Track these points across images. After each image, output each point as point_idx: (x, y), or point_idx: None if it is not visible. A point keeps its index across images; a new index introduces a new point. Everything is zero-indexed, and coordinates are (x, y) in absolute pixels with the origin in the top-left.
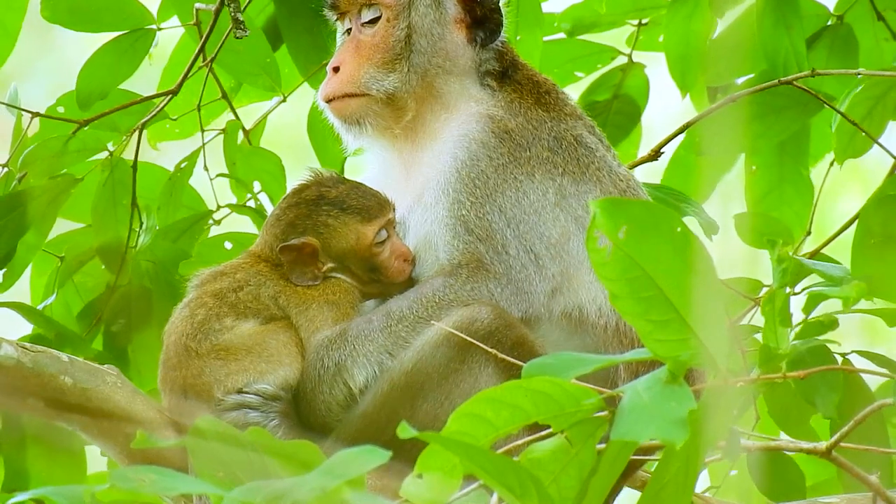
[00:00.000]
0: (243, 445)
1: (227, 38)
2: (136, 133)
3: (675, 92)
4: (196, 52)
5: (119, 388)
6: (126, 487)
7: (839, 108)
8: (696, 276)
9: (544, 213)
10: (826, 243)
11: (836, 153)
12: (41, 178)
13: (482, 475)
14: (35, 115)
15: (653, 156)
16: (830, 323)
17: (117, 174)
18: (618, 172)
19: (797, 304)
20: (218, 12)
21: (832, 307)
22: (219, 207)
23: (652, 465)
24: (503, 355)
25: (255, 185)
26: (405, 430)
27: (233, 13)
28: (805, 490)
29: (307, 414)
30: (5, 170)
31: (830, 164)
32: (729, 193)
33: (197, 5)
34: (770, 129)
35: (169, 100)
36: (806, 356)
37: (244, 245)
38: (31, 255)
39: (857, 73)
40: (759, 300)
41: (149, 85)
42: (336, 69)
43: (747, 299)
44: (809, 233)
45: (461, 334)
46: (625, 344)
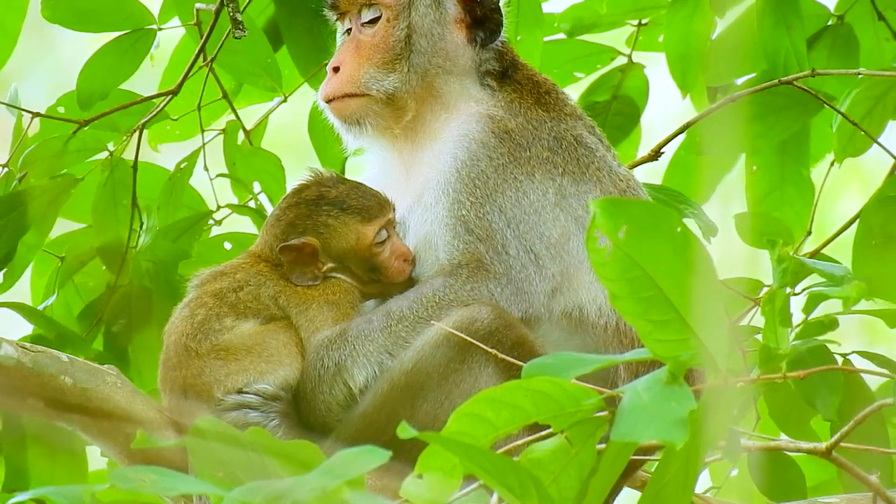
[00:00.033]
0: (243, 445)
1: (227, 38)
2: (137, 133)
3: (675, 92)
4: (196, 52)
5: (119, 388)
6: (126, 487)
7: (839, 107)
8: (696, 276)
9: (544, 213)
10: (826, 243)
11: (837, 153)
12: (41, 178)
13: (482, 475)
14: (35, 115)
15: (653, 156)
16: (830, 323)
17: (117, 174)
18: (618, 172)
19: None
20: (218, 12)
21: (832, 307)
22: (219, 208)
23: (652, 465)
24: (503, 355)
25: (255, 186)
26: (405, 430)
27: (231, 13)
28: (806, 490)
29: (307, 414)
30: (5, 170)
31: (831, 164)
32: (729, 193)
33: (197, 5)
34: (770, 129)
35: (169, 100)
36: (806, 356)
37: (244, 245)
38: (32, 256)
39: (858, 72)
40: (759, 300)
41: (150, 85)
42: (336, 69)
43: (747, 299)
44: (810, 233)
45: (461, 334)
46: (625, 344)
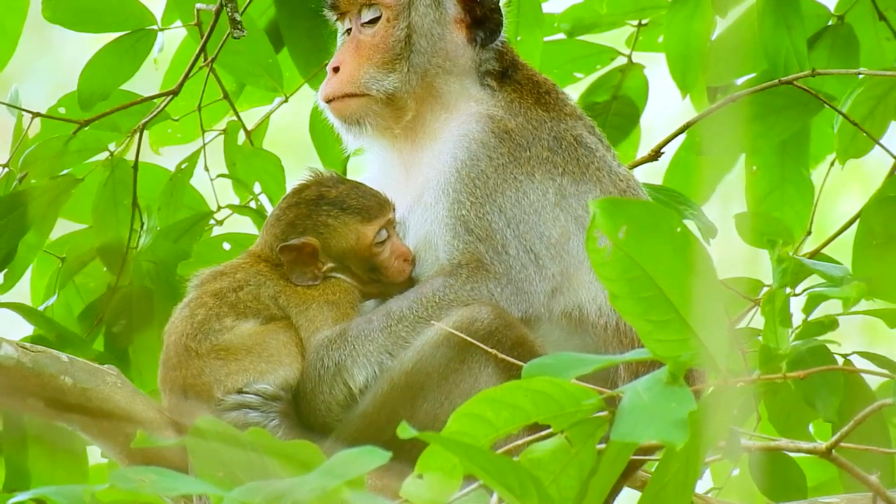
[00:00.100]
0: (243, 445)
1: (227, 38)
2: (137, 133)
3: (675, 92)
4: (196, 52)
5: (119, 388)
6: (126, 487)
7: (840, 108)
8: (696, 276)
9: (544, 213)
10: (826, 243)
11: (838, 153)
12: (42, 179)
13: (482, 475)
14: (36, 115)
15: (653, 156)
16: (830, 323)
17: (118, 174)
18: (618, 172)
19: (797, 304)
20: (218, 13)
21: (832, 308)
22: (220, 208)
23: (652, 465)
24: (503, 355)
25: (256, 186)
26: (405, 430)
27: (230, 13)
28: (806, 490)
29: (307, 414)
30: (6, 170)
31: (831, 165)
32: (729, 194)
33: (198, 6)
34: (771, 129)
35: (170, 100)
36: (806, 357)
37: (244, 245)
38: (32, 256)
39: (858, 73)
40: (759, 300)
41: (151, 86)
42: (336, 69)
43: (747, 299)
44: (810, 233)
45: (461, 334)
46: (625, 344)
